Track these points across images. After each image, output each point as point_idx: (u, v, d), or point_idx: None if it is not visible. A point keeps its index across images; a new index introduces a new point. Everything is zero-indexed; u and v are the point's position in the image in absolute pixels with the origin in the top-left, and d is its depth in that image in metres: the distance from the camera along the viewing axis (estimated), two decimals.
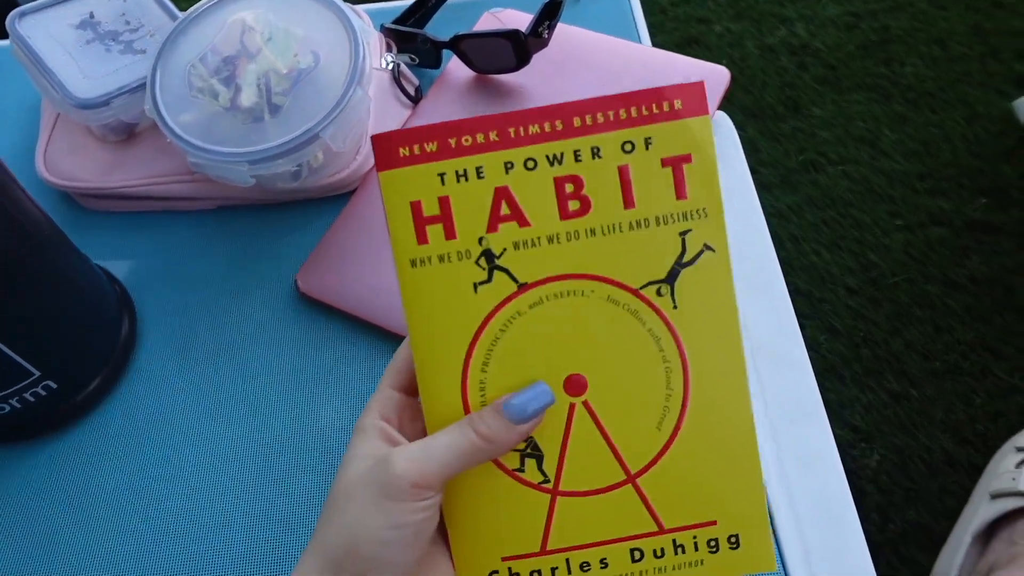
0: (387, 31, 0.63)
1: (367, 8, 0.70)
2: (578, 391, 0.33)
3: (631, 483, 0.34)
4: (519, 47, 0.58)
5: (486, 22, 0.64)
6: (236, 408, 0.52)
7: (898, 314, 1.18)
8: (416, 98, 0.63)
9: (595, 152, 0.32)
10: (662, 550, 0.34)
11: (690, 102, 0.32)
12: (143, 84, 0.55)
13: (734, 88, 1.42)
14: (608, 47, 0.62)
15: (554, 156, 0.32)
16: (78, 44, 0.57)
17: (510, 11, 0.65)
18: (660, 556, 0.34)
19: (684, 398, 0.33)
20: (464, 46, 0.60)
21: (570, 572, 0.34)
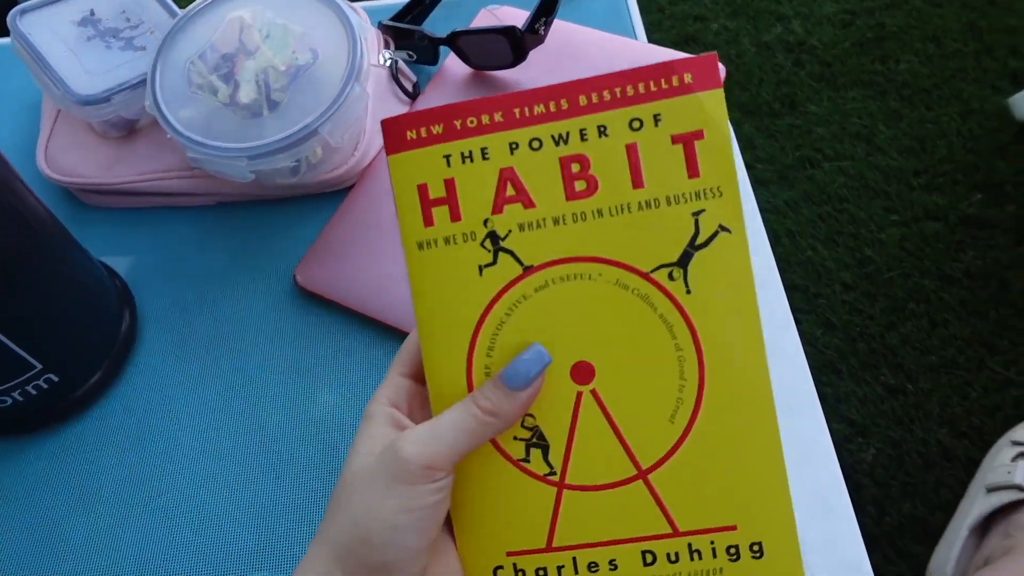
0: (385, 28, 0.64)
1: (365, 5, 0.71)
2: (585, 379, 0.32)
3: (642, 479, 0.32)
4: (516, 43, 0.58)
5: (483, 19, 0.65)
6: (235, 401, 0.53)
7: (894, 309, 1.18)
8: (414, 94, 0.63)
9: (601, 131, 0.31)
10: (676, 555, 0.32)
11: (701, 76, 0.30)
12: (143, 80, 0.56)
13: (730, 85, 1.43)
14: (604, 43, 0.62)
15: (559, 136, 0.31)
16: (79, 41, 0.57)
17: (507, 8, 0.65)
18: (674, 561, 0.32)
19: (699, 389, 0.31)
20: (461, 42, 0.60)
21: (577, 572, 0.32)
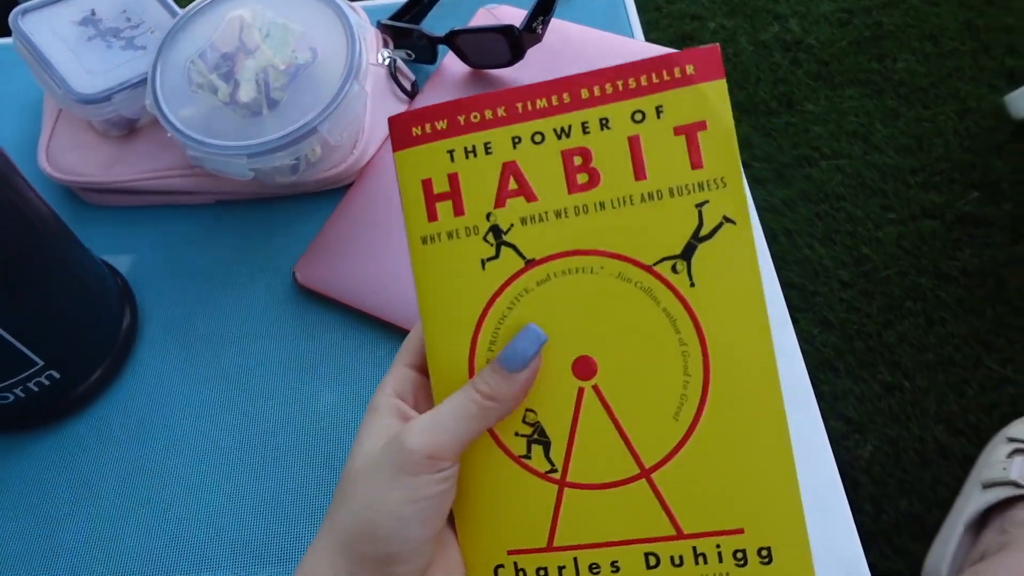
0: (383, 27, 0.64)
1: (364, 5, 0.71)
2: (587, 374, 0.31)
3: (645, 478, 0.31)
4: (513, 42, 0.58)
5: (481, 18, 0.65)
6: (235, 398, 0.53)
7: (891, 307, 1.19)
8: (412, 93, 0.64)
9: (603, 123, 0.31)
10: (681, 558, 0.31)
11: (704, 67, 0.30)
12: (144, 80, 0.56)
13: (728, 84, 1.42)
14: (602, 42, 0.63)
15: (562, 129, 0.31)
16: (80, 40, 0.58)
17: (505, 7, 0.66)
18: (679, 565, 0.31)
19: (704, 385, 0.30)
20: (459, 41, 0.61)
21: (578, 573, 0.32)
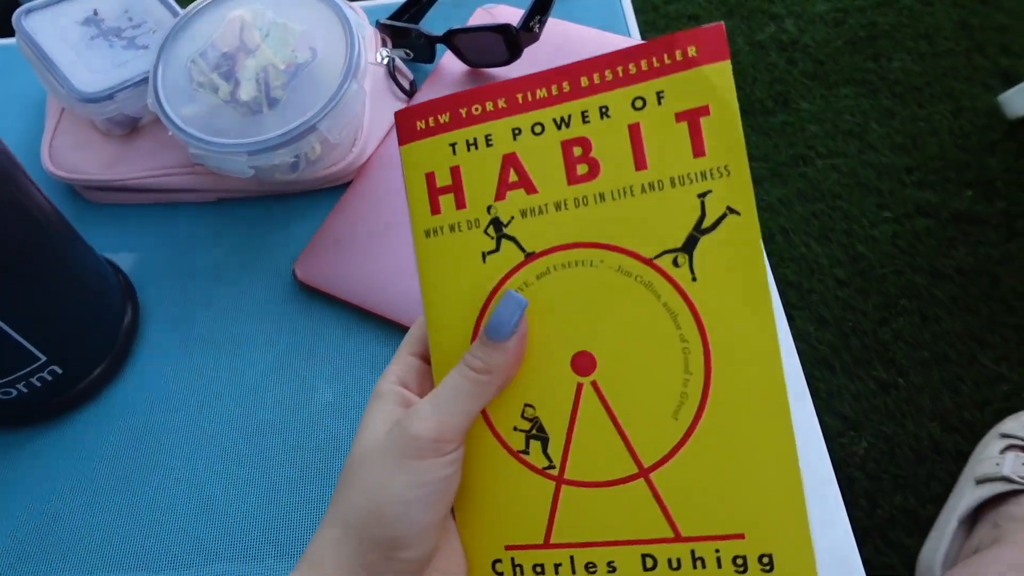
0: (382, 27, 0.65)
1: (363, 4, 0.72)
2: (586, 370, 0.31)
3: (643, 478, 0.30)
4: (511, 41, 0.59)
5: (479, 17, 0.66)
6: (236, 393, 0.53)
7: (886, 304, 1.19)
8: (411, 92, 0.64)
9: (603, 112, 0.30)
10: (679, 561, 0.30)
11: (707, 48, 0.29)
12: (146, 79, 0.57)
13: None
14: (598, 41, 0.63)
15: (561, 119, 0.30)
16: (82, 40, 0.58)
17: (502, 7, 0.66)
18: (676, 568, 0.30)
19: (705, 384, 0.29)
20: (457, 40, 0.61)
21: (574, 571, 0.31)
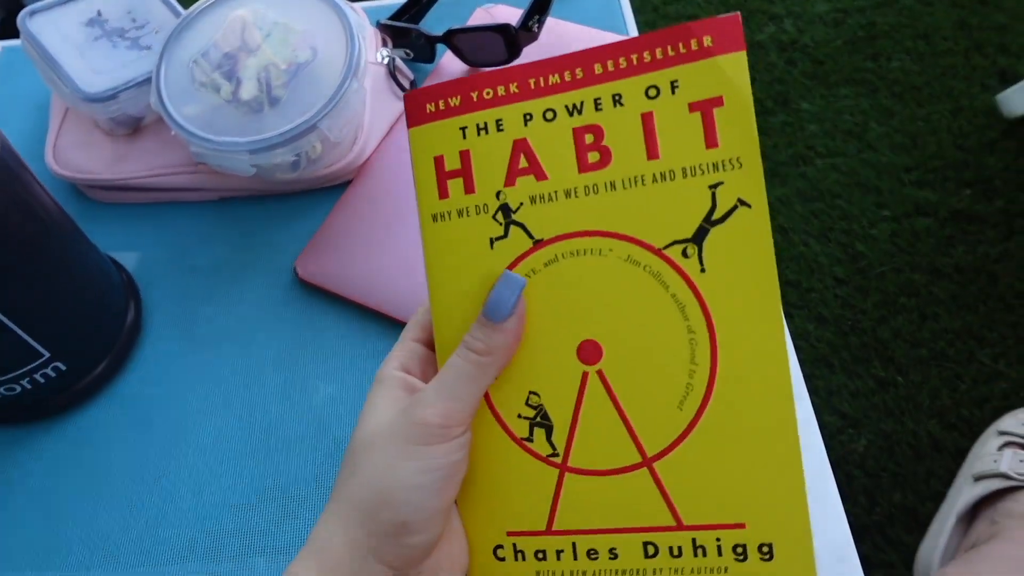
0: (383, 27, 0.65)
1: (363, 5, 0.72)
2: (592, 359, 0.31)
3: (647, 467, 0.30)
4: (510, 41, 0.60)
5: (478, 17, 0.67)
6: (237, 390, 0.54)
7: (885, 303, 1.20)
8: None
9: (616, 100, 0.29)
10: (679, 549, 0.30)
11: (722, 38, 0.28)
12: (148, 78, 0.57)
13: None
14: (597, 40, 0.64)
15: (573, 106, 0.30)
16: (86, 41, 0.59)
17: (501, 6, 0.67)
18: (677, 556, 0.30)
19: (710, 375, 0.29)
20: (457, 40, 0.62)
21: (576, 558, 0.31)
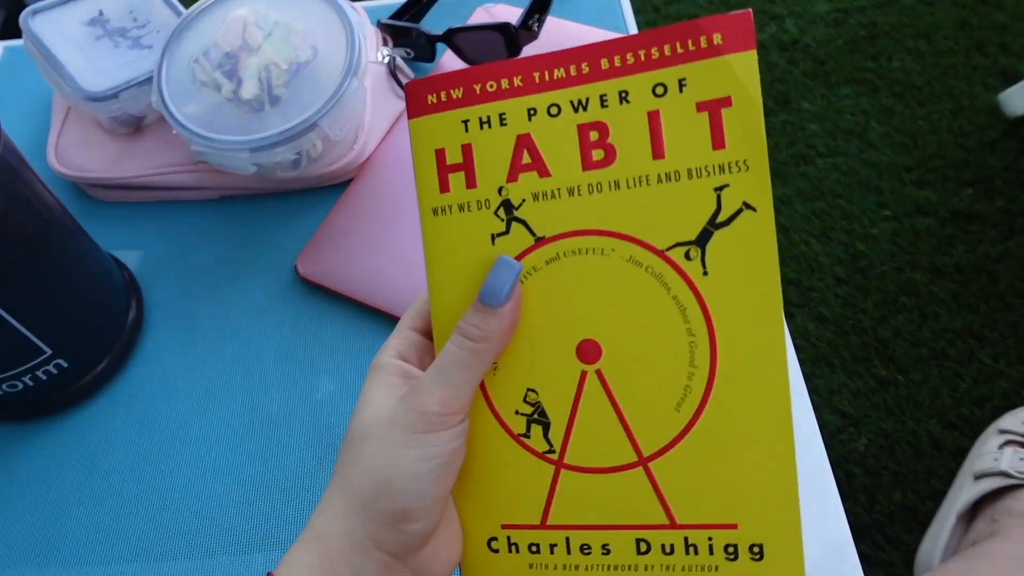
0: (383, 26, 0.66)
1: (364, 4, 0.73)
2: (591, 358, 0.31)
3: (642, 466, 0.31)
4: (510, 40, 0.60)
5: (478, 16, 0.67)
6: (238, 387, 0.54)
7: (885, 302, 1.20)
8: None
9: (623, 96, 0.29)
10: (671, 546, 0.31)
11: (733, 36, 0.27)
12: (150, 78, 0.58)
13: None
14: (597, 39, 0.64)
15: (579, 102, 0.29)
16: (88, 40, 0.59)
17: (502, 6, 0.67)
18: (669, 553, 0.31)
19: (709, 378, 0.29)
20: (457, 39, 0.62)
21: (569, 552, 0.32)
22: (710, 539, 0.30)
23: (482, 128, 0.31)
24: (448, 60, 0.65)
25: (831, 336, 1.18)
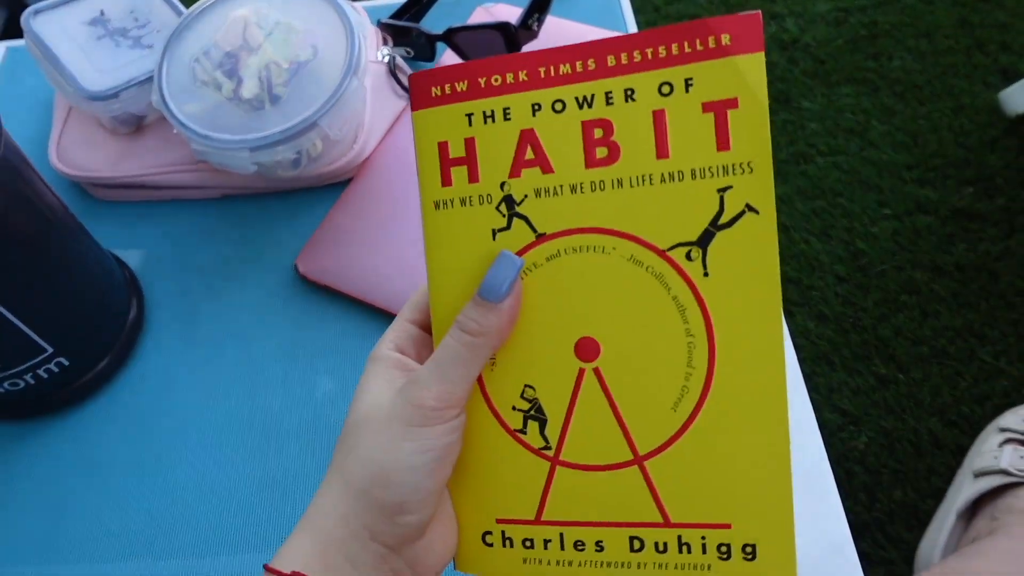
0: (383, 26, 0.66)
1: (364, 4, 0.73)
2: (590, 356, 0.31)
3: (637, 465, 0.31)
4: (509, 39, 0.60)
5: (478, 16, 0.67)
6: (238, 385, 0.54)
7: (886, 300, 1.20)
8: None
9: (628, 94, 0.29)
10: (665, 545, 0.31)
11: (741, 37, 0.27)
12: (150, 77, 0.58)
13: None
14: (596, 39, 0.64)
15: (584, 98, 0.29)
16: (89, 40, 0.59)
17: (502, 5, 0.67)
18: (662, 551, 0.31)
19: (707, 379, 0.29)
20: (457, 39, 0.62)
21: (563, 548, 0.32)
22: (703, 538, 0.30)
23: (486, 122, 0.30)
24: (448, 59, 0.65)
25: (831, 334, 1.18)
